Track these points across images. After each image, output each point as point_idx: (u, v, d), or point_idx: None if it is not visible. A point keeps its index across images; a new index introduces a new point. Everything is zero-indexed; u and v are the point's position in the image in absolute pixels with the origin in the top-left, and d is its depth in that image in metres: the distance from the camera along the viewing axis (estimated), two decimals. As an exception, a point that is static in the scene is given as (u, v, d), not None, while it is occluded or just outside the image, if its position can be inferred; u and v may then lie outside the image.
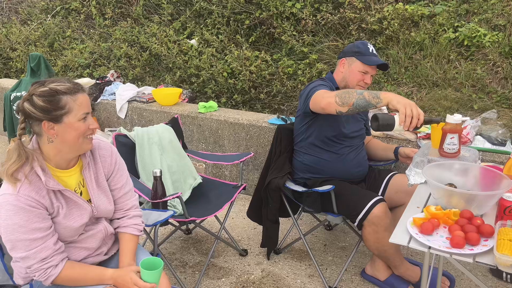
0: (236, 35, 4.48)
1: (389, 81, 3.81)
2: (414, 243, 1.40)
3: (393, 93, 1.81)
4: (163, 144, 2.43)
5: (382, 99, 1.79)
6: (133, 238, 1.67)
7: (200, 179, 2.55)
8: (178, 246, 2.73)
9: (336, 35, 4.14)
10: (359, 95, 1.84)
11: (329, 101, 1.91)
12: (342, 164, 2.25)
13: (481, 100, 3.40)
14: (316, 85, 2.11)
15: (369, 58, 2.18)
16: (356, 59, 2.19)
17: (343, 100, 1.87)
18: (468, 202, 1.52)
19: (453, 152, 1.83)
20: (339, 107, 1.89)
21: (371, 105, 1.83)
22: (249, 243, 2.75)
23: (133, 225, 1.69)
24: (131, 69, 4.66)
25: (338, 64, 2.27)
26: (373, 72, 2.21)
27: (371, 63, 2.17)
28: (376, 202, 2.01)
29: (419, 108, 1.75)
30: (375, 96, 1.81)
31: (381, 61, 2.19)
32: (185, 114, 3.52)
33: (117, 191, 1.67)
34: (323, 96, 1.97)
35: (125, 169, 1.68)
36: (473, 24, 3.67)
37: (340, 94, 1.89)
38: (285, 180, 2.32)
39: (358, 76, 2.18)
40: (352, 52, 2.21)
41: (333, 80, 2.28)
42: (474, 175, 1.71)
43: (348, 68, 2.22)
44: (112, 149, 1.65)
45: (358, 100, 1.84)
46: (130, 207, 1.70)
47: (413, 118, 1.73)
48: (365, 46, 2.21)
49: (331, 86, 2.20)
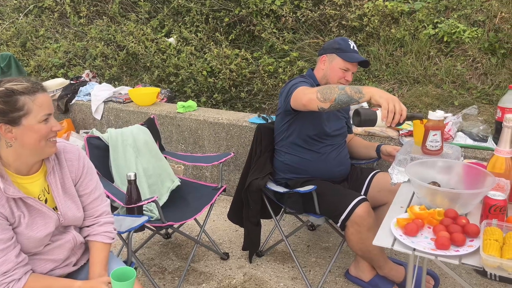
0: (216, 33, 4.39)
1: (370, 78, 3.78)
2: (398, 245, 1.34)
3: (376, 88, 1.76)
4: (138, 146, 2.33)
5: (365, 94, 1.74)
6: (104, 246, 1.58)
7: (179, 182, 2.46)
8: (157, 251, 2.64)
9: (317, 32, 4.09)
10: (341, 91, 1.79)
11: (311, 97, 1.85)
12: (324, 163, 2.20)
13: (461, 96, 3.40)
14: (297, 82, 2.05)
15: (350, 55, 2.13)
16: (337, 56, 2.14)
17: (324, 96, 1.81)
18: (452, 201, 1.47)
19: (436, 149, 1.79)
20: (321, 103, 1.83)
21: (353, 100, 1.78)
22: (230, 246, 2.68)
23: (104, 232, 1.59)
24: (108, 68, 4.53)
25: (319, 61, 2.21)
26: (354, 69, 2.16)
27: (352, 60, 2.12)
28: (359, 202, 1.96)
29: (401, 104, 1.70)
30: (357, 91, 1.76)
31: (362, 58, 2.14)
32: (163, 114, 3.42)
33: (86, 197, 1.57)
34: (304, 92, 1.91)
35: (94, 173, 1.59)
36: (453, 20, 3.67)
37: (321, 90, 1.83)
38: (266, 181, 2.25)
39: (339, 73, 2.13)
40: (332, 49, 2.16)
41: (313, 77, 2.22)
42: (457, 172, 1.67)
43: (329, 65, 2.16)
44: (80, 152, 1.55)
45: (340, 96, 1.79)
46: (100, 213, 1.61)
47: (396, 114, 1.68)
48: (346, 42, 2.16)
49: (312, 83, 2.14)
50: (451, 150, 1.87)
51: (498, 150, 1.51)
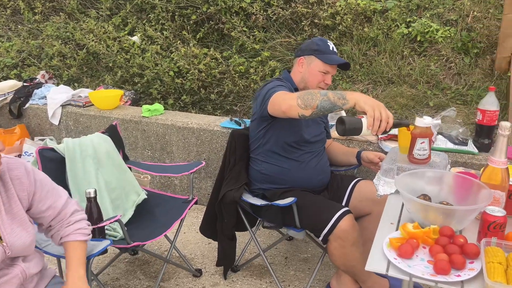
0: (183, 31, 4.17)
1: (344, 79, 3.68)
2: (393, 270, 1.21)
3: (360, 93, 1.63)
4: (99, 157, 2.11)
5: (349, 100, 1.61)
6: (79, 245, 1.44)
7: (145, 195, 2.25)
8: (123, 269, 2.42)
9: (289, 31, 3.95)
10: (323, 97, 1.65)
11: (291, 103, 1.69)
12: (304, 172, 2.05)
13: (436, 96, 3.35)
14: (274, 86, 1.89)
15: (330, 56, 1.99)
16: (315, 58, 1.99)
17: (306, 103, 1.66)
18: (447, 217, 1.36)
19: (424, 158, 1.68)
20: (302, 110, 1.68)
21: (336, 107, 1.64)
22: (203, 261, 2.50)
23: (77, 230, 1.44)
24: (66, 69, 4.21)
25: (296, 63, 2.06)
26: (334, 71, 2.03)
27: (333, 62, 1.98)
28: (342, 215, 1.82)
29: (388, 111, 1.57)
30: (340, 97, 1.62)
31: (343, 60, 2.02)
32: (127, 118, 3.19)
33: (52, 210, 1.42)
34: (283, 98, 1.75)
35: (49, 182, 1.44)
36: (425, 19, 3.62)
37: (302, 96, 1.68)
38: (242, 192, 2.08)
39: (318, 76, 1.99)
40: (311, 50, 2.01)
41: (291, 80, 2.07)
42: (447, 183, 1.57)
43: (307, 67, 2.02)
44: (26, 166, 1.36)
45: (322, 102, 1.64)
46: (70, 213, 1.46)
47: (382, 121, 1.56)
48: (325, 43, 2.02)
49: (289, 87, 1.99)
50: (438, 158, 1.76)
51: (493, 160, 1.41)
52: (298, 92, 1.73)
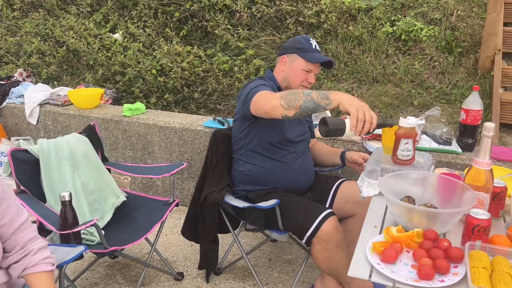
0: (166, 28, 4.09)
1: (329, 77, 3.66)
2: (376, 275, 1.18)
3: (344, 93, 1.59)
4: (76, 158, 2.04)
5: (332, 100, 1.57)
6: (47, 276, 1.33)
7: (124, 197, 2.18)
8: (102, 274, 2.35)
9: (273, 29, 3.91)
10: (306, 97, 1.60)
11: (274, 104, 1.65)
12: (288, 173, 2.01)
13: (420, 95, 3.35)
14: (257, 85, 1.84)
15: (313, 55, 1.95)
16: (298, 56, 1.95)
17: (289, 103, 1.62)
18: (431, 220, 1.33)
19: (408, 159, 1.65)
20: (285, 111, 1.64)
21: (320, 107, 1.60)
22: (185, 264, 2.44)
23: (43, 260, 1.34)
24: (45, 67, 4.10)
25: (279, 62, 2.02)
26: (317, 70, 1.99)
27: (315, 61, 1.94)
28: (326, 217, 1.79)
29: (372, 111, 1.54)
30: (324, 97, 1.58)
31: (326, 58, 1.98)
32: (108, 118, 3.10)
33: (7, 227, 1.30)
34: (266, 98, 1.70)
35: (12, 196, 1.32)
36: (410, 18, 3.61)
37: (285, 96, 1.64)
38: (224, 194, 2.03)
39: (301, 75, 1.95)
40: (293, 49, 1.97)
41: (273, 79, 2.02)
42: (431, 184, 1.54)
43: (289, 66, 1.97)
44: None
45: (305, 102, 1.61)
46: (28, 239, 1.34)
47: (366, 123, 1.52)
48: (308, 41, 1.98)
49: (272, 86, 1.94)
50: (423, 159, 1.74)
51: (477, 161, 1.38)
52: (281, 92, 1.69)
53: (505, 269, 1.11)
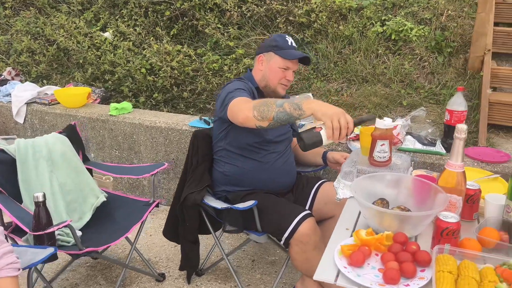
0: (156, 27, 4.07)
1: (319, 77, 3.64)
2: (342, 279, 1.16)
3: (317, 102, 1.58)
4: (54, 158, 2.02)
5: (305, 110, 1.56)
6: (11, 281, 1.32)
7: (104, 197, 2.17)
8: (83, 274, 2.34)
9: (263, 28, 3.89)
10: (279, 108, 1.60)
11: (247, 115, 1.65)
12: (268, 173, 1.99)
13: (409, 96, 3.32)
14: (233, 89, 1.82)
15: (289, 51, 1.93)
16: (274, 54, 1.93)
17: (262, 114, 1.62)
18: (401, 223, 1.32)
19: (384, 160, 1.63)
20: (259, 122, 1.64)
21: (293, 118, 1.60)
22: (168, 265, 2.43)
23: (7, 265, 1.32)
24: (35, 65, 4.08)
25: (256, 61, 2.00)
26: (295, 67, 1.97)
27: (292, 57, 1.92)
28: (303, 218, 1.77)
29: (347, 115, 1.52)
30: (296, 107, 1.58)
31: (302, 54, 1.95)
32: (94, 117, 3.09)
33: None
34: (240, 108, 1.69)
35: None
36: (400, 17, 3.59)
37: (258, 107, 1.63)
38: (204, 194, 2.01)
39: (278, 73, 1.93)
40: (269, 47, 1.95)
41: (252, 79, 2.00)
42: (406, 186, 1.53)
43: (267, 65, 1.96)
44: None
45: (278, 114, 1.60)
46: None
47: (342, 129, 1.50)
48: (283, 39, 1.96)
49: (249, 88, 1.92)
50: (400, 161, 1.72)
51: (449, 164, 1.37)
52: (254, 102, 1.67)
53: (471, 273, 1.09)
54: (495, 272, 1.10)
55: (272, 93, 1.97)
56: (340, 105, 3.41)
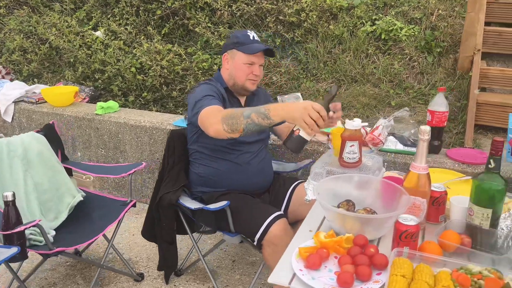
0: (147, 26, 4.07)
1: (308, 77, 3.62)
2: (296, 282, 1.15)
3: (283, 107, 1.58)
4: (30, 157, 2.02)
5: (274, 118, 1.57)
6: None
7: (81, 196, 2.16)
8: (62, 274, 2.34)
9: (254, 27, 3.87)
10: (247, 119, 1.60)
11: (217, 128, 1.66)
12: (242, 174, 1.98)
13: (398, 96, 3.30)
14: (200, 96, 1.81)
15: (251, 46, 1.90)
16: (237, 50, 1.92)
17: (231, 127, 1.63)
18: (363, 225, 1.30)
19: (354, 161, 1.61)
20: (230, 134, 1.65)
21: (263, 127, 1.62)
22: (148, 265, 2.42)
23: None
24: (26, 64, 4.09)
25: (222, 61, 1.99)
26: (260, 61, 1.94)
27: (254, 51, 1.89)
28: (275, 219, 1.76)
29: (314, 104, 1.50)
30: (264, 116, 1.59)
31: (264, 47, 1.91)
32: (81, 116, 3.09)
33: None
34: (210, 122, 1.69)
35: None
36: (390, 17, 3.56)
37: (226, 120, 1.63)
38: (179, 195, 2.01)
39: (244, 69, 1.91)
40: (232, 44, 1.94)
41: (221, 79, 1.99)
42: (375, 188, 1.51)
43: (232, 63, 1.94)
44: None
45: (247, 125, 1.61)
46: None
47: (317, 122, 1.49)
48: (245, 34, 1.95)
49: (217, 91, 1.90)
50: (371, 162, 1.70)
51: (413, 165, 1.35)
52: (222, 114, 1.67)
53: (425, 277, 1.07)
54: (451, 277, 1.09)
55: (242, 90, 1.95)
56: (328, 105, 3.39)
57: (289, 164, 2.33)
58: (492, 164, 1.21)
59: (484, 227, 1.24)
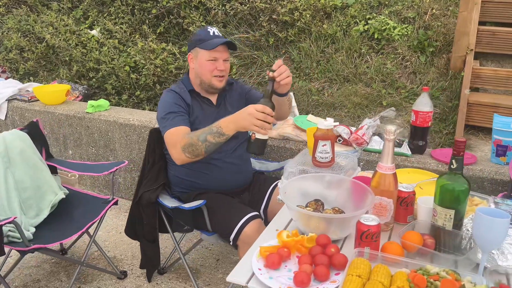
0: (143, 25, 4.09)
1: (301, 76, 3.61)
2: (254, 281, 1.15)
3: (231, 120, 1.68)
4: (11, 155, 2.04)
5: (227, 133, 1.70)
6: None
7: (63, 194, 2.18)
8: (47, 271, 2.35)
9: (247, 27, 3.87)
10: (205, 143, 1.72)
11: (180, 158, 1.78)
12: (216, 174, 1.96)
13: (390, 95, 3.28)
14: (164, 113, 1.87)
15: (211, 41, 1.88)
16: (199, 48, 1.91)
17: (193, 154, 1.75)
18: (327, 225, 1.29)
19: (326, 161, 1.60)
20: (194, 159, 1.77)
21: (221, 143, 1.74)
22: (132, 262, 2.43)
23: None
24: (23, 62, 4.13)
25: (188, 61, 1.99)
26: (223, 56, 1.90)
27: (214, 46, 1.86)
28: (249, 220, 1.75)
29: (257, 106, 1.61)
30: (219, 135, 1.70)
31: (223, 40, 1.89)
32: (71, 114, 3.11)
33: None
34: (172, 152, 1.81)
35: None
36: (383, 16, 3.54)
37: (186, 149, 1.74)
38: (159, 193, 2.01)
39: (208, 66, 1.90)
40: (194, 43, 1.94)
41: (187, 81, 2.00)
42: (346, 188, 1.50)
43: (196, 62, 1.94)
44: None
45: (207, 148, 1.73)
46: None
47: (266, 121, 1.61)
48: (205, 31, 1.94)
49: (181, 100, 1.91)
50: (345, 161, 1.69)
51: (380, 166, 1.33)
52: (181, 143, 1.74)
53: (380, 278, 1.06)
54: (407, 277, 1.08)
55: (210, 88, 1.95)
56: (320, 104, 3.38)
57: (272, 163, 2.32)
58: (454, 165, 1.20)
59: (447, 228, 1.23)
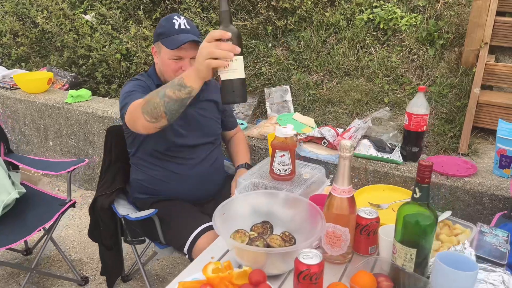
0: (138, 10, 3.89)
1: (299, 68, 3.35)
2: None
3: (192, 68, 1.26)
4: (-41, 151, 1.90)
5: (189, 84, 1.27)
6: None
7: (18, 194, 2.02)
8: (8, 272, 2.23)
9: (245, 14, 3.62)
10: (164, 99, 1.32)
11: (142, 123, 1.39)
12: (182, 183, 1.74)
13: (393, 92, 2.99)
14: (123, 98, 1.58)
15: (175, 38, 1.59)
16: (161, 44, 1.65)
17: (152, 115, 1.35)
18: (267, 257, 1.07)
19: (285, 173, 1.38)
20: (155, 124, 1.38)
21: (185, 99, 1.31)
22: (97, 267, 2.28)
23: None
24: (16, 47, 4.01)
25: (152, 54, 1.76)
26: (190, 54, 1.60)
27: (177, 45, 1.57)
28: (203, 231, 1.55)
29: (213, 32, 1.20)
30: (179, 87, 1.29)
31: (189, 38, 1.57)
32: (51, 104, 2.96)
33: None
34: (133, 119, 1.44)
35: None
36: (391, 4, 3.22)
37: (145, 109, 1.36)
38: (113, 198, 1.82)
39: (171, 65, 1.63)
40: (157, 35, 1.68)
41: (153, 75, 1.76)
42: (304, 208, 1.27)
43: (160, 57, 1.69)
44: None
45: (167, 105, 1.32)
46: None
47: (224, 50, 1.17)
48: (170, 22, 1.63)
49: (145, 85, 1.68)
50: (309, 174, 1.46)
51: (334, 188, 1.10)
52: (141, 104, 1.39)
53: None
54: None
55: None
56: (317, 99, 3.13)
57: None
58: (417, 194, 0.95)
59: (407, 270, 0.99)
